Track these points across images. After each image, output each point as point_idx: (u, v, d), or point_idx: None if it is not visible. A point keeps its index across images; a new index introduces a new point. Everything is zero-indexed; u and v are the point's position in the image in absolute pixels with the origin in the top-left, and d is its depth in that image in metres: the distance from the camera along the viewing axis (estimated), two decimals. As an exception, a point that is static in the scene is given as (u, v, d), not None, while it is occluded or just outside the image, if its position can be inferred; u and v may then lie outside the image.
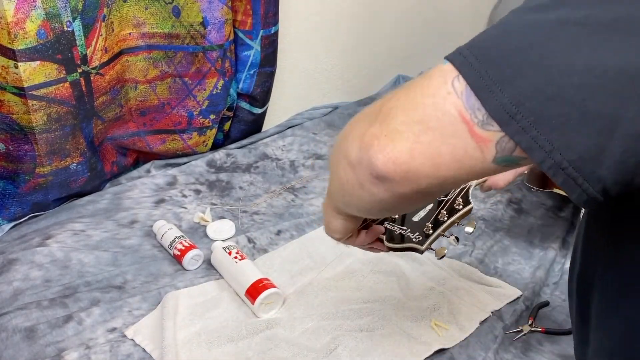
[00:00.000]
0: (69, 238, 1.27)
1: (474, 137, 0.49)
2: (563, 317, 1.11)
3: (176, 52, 1.44)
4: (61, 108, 1.26)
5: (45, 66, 1.20)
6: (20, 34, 1.14)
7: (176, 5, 1.38)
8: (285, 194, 1.46)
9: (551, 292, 1.17)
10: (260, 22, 1.50)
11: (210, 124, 1.55)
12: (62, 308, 1.10)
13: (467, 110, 0.49)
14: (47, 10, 1.17)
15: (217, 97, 1.52)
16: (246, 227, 1.34)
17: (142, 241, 1.29)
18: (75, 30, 1.23)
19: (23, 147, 1.26)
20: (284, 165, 1.56)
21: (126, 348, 1.03)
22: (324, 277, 1.19)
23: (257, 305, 1.09)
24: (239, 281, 1.14)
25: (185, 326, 1.08)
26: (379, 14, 1.90)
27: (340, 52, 1.87)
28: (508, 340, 1.06)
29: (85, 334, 1.06)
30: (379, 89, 2.01)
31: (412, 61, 2.08)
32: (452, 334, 1.07)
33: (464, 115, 0.49)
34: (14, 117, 1.23)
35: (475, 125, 0.49)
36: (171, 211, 1.37)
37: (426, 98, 0.50)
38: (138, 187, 1.44)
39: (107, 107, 1.39)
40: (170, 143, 1.54)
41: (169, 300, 1.11)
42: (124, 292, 1.15)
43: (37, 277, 1.17)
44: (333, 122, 1.75)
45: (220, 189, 1.46)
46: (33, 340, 1.04)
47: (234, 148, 1.61)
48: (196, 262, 1.22)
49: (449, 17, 2.13)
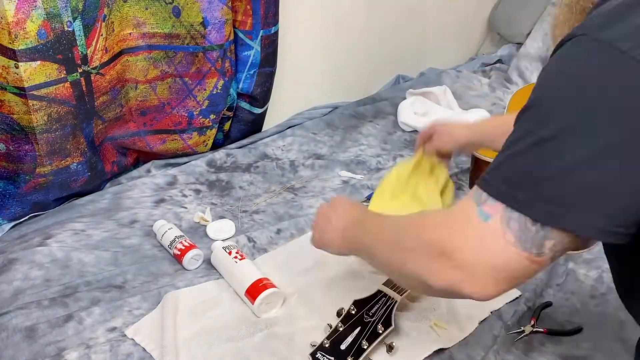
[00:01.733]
0: (69, 238, 1.27)
1: (535, 263, 0.66)
2: (566, 318, 1.11)
3: (176, 52, 1.44)
4: (62, 108, 1.26)
5: (46, 66, 1.20)
6: (20, 34, 1.15)
7: (176, 5, 1.39)
8: (285, 193, 1.46)
9: (554, 293, 1.17)
10: (260, 22, 1.51)
11: (210, 124, 1.56)
12: (62, 307, 1.10)
13: (526, 251, 0.65)
14: (47, 10, 1.17)
15: (217, 97, 1.52)
16: (246, 227, 1.34)
17: (142, 241, 1.29)
18: (76, 30, 1.23)
19: (23, 147, 1.26)
20: (284, 165, 1.57)
21: (126, 347, 1.04)
22: (324, 277, 1.20)
23: (257, 305, 1.09)
24: (239, 281, 1.14)
25: (185, 326, 1.08)
26: (379, 14, 1.91)
27: (340, 52, 1.87)
28: (510, 341, 1.06)
29: (85, 334, 1.06)
30: (379, 88, 2.01)
31: (412, 61, 2.08)
32: (452, 334, 1.07)
33: (526, 256, 0.66)
34: (15, 117, 1.23)
35: (534, 255, 0.66)
36: (171, 211, 1.38)
37: (489, 242, 0.66)
38: (138, 187, 1.44)
39: (107, 107, 1.39)
40: (171, 143, 1.55)
41: (169, 299, 1.12)
42: (124, 291, 1.15)
43: (37, 276, 1.17)
44: (333, 122, 1.75)
45: (220, 189, 1.47)
46: (33, 340, 1.04)
47: (234, 148, 1.62)
48: (196, 261, 1.22)
49: (449, 17, 2.13)
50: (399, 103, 1.79)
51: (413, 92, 1.83)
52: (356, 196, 1.45)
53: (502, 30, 2.22)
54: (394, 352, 1.00)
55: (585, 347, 1.05)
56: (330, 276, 1.20)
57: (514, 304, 1.13)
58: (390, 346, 1.00)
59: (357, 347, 0.96)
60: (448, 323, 1.09)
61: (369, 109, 1.81)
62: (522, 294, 1.15)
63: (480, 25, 2.28)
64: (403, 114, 1.74)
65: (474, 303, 1.13)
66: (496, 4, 2.26)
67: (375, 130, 1.73)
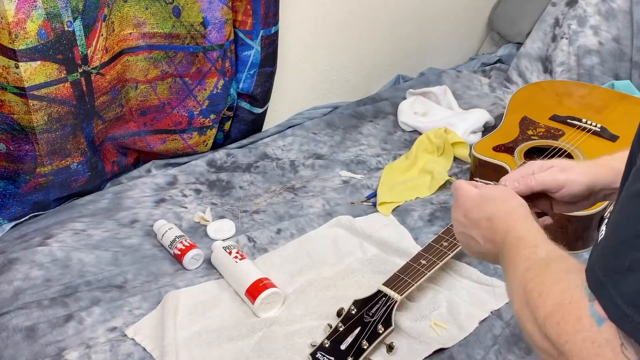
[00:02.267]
0: (70, 237, 1.27)
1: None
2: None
3: (176, 52, 1.44)
4: (62, 108, 1.26)
5: (46, 66, 1.20)
6: (21, 34, 1.15)
7: (176, 5, 1.39)
8: (285, 193, 1.47)
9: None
10: (260, 22, 1.51)
11: (210, 124, 1.56)
12: (62, 307, 1.10)
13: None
14: (47, 10, 1.17)
15: (217, 97, 1.52)
16: (246, 227, 1.34)
17: (142, 241, 1.29)
18: (76, 30, 1.23)
19: (24, 147, 1.26)
20: (284, 165, 1.57)
21: (126, 347, 1.04)
22: (323, 277, 1.20)
23: (257, 304, 1.09)
24: (239, 281, 1.14)
25: (186, 325, 1.08)
26: (379, 13, 1.91)
27: (340, 52, 1.87)
28: (512, 341, 1.06)
29: (85, 334, 1.06)
30: (379, 88, 2.01)
31: (411, 61, 2.08)
32: (452, 334, 1.07)
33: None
34: (15, 117, 1.23)
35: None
36: (171, 211, 1.38)
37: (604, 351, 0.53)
38: (138, 187, 1.44)
39: (107, 107, 1.39)
40: (171, 143, 1.55)
41: (169, 299, 1.12)
42: (124, 291, 1.16)
43: (37, 276, 1.17)
44: (333, 122, 1.75)
45: (220, 189, 1.47)
46: (33, 340, 1.04)
47: (234, 148, 1.62)
48: (196, 261, 1.23)
49: (449, 17, 2.13)
50: (399, 103, 1.79)
51: (413, 92, 1.83)
52: (356, 196, 1.45)
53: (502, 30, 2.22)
54: (394, 352, 1.00)
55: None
56: (330, 276, 1.20)
57: (514, 304, 1.14)
58: (390, 346, 1.00)
59: (357, 347, 0.96)
60: (448, 323, 1.09)
61: (369, 109, 1.81)
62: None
63: (480, 25, 2.28)
64: (403, 114, 1.74)
65: (474, 303, 1.14)
66: (496, 4, 2.26)
67: (375, 130, 1.73)
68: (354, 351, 0.95)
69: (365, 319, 1.01)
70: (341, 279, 1.19)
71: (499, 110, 1.78)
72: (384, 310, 1.02)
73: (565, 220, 1.24)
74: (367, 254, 1.26)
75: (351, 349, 0.96)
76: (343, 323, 1.00)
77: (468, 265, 1.23)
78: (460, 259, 1.25)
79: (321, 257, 1.25)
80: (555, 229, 1.25)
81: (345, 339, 0.97)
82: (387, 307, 1.02)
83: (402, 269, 1.11)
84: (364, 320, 1.00)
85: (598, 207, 1.23)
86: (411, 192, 1.44)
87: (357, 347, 0.96)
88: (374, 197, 1.43)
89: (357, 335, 0.98)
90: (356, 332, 0.98)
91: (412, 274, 1.09)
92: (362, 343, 0.96)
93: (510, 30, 2.18)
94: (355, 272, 1.21)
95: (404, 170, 1.51)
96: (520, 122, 1.54)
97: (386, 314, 1.01)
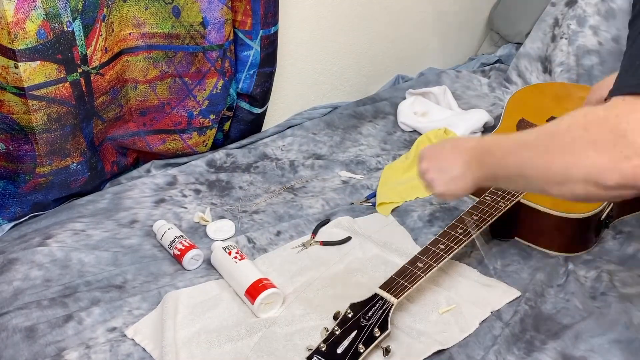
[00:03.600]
0: (69, 238, 1.27)
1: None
2: (568, 320, 1.10)
3: (176, 52, 1.44)
4: (61, 108, 1.26)
5: (45, 66, 1.20)
6: (20, 34, 1.15)
7: (176, 5, 1.39)
8: (285, 193, 1.47)
9: (555, 294, 1.17)
10: (260, 22, 1.51)
11: (210, 124, 1.56)
12: (62, 308, 1.10)
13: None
14: (47, 10, 1.17)
15: (217, 97, 1.52)
16: (246, 227, 1.34)
17: (142, 241, 1.29)
18: (75, 30, 1.23)
19: (23, 147, 1.26)
20: (284, 165, 1.57)
21: (126, 348, 1.04)
22: (323, 277, 1.20)
23: (257, 305, 1.09)
24: (239, 281, 1.14)
25: (185, 326, 1.08)
26: (378, 14, 1.91)
27: (340, 52, 1.88)
28: (511, 341, 1.06)
29: (85, 334, 1.06)
30: (379, 89, 2.01)
31: (411, 61, 2.08)
32: (452, 334, 1.07)
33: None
34: (14, 117, 1.23)
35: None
36: (171, 211, 1.38)
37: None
38: (138, 187, 1.44)
39: (107, 107, 1.39)
40: (170, 143, 1.55)
41: (169, 300, 1.12)
42: (124, 291, 1.16)
43: (37, 276, 1.17)
44: (333, 122, 1.75)
45: (220, 189, 1.47)
46: (33, 340, 1.04)
47: (233, 148, 1.62)
48: (196, 261, 1.22)
49: (449, 17, 2.13)
50: (399, 103, 1.79)
51: (413, 92, 1.83)
52: (356, 196, 1.45)
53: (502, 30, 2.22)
54: (390, 356, 1.00)
55: (584, 348, 1.05)
56: (330, 276, 1.20)
57: (514, 304, 1.14)
58: (386, 350, 1.00)
59: (353, 350, 0.96)
60: (448, 324, 1.09)
61: (368, 109, 1.81)
62: (522, 294, 1.15)
63: (480, 25, 2.28)
64: (403, 114, 1.74)
65: (474, 303, 1.14)
66: (495, 4, 2.26)
67: (375, 130, 1.73)
68: (350, 355, 0.95)
69: (361, 322, 1.01)
70: (341, 279, 1.19)
71: (499, 111, 1.78)
72: (380, 314, 1.02)
73: (564, 222, 1.24)
74: (367, 254, 1.26)
75: (347, 352, 0.96)
76: (339, 326, 1.00)
77: (467, 266, 1.23)
78: (460, 260, 1.25)
79: (321, 257, 1.25)
80: (554, 231, 1.25)
81: (341, 343, 0.97)
82: (384, 310, 1.02)
83: (399, 272, 1.11)
84: (361, 324, 1.00)
85: (598, 207, 1.23)
86: (411, 192, 1.44)
87: (354, 351, 0.96)
88: (374, 197, 1.43)
89: (353, 339, 0.98)
90: (352, 335, 0.98)
91: (408, 277, 1.09)
92: (358, 347, 0.96)
93: (509, 30, 2.19)
94: (355, 272, 1.21)
95: (403, 171, 1.51)
96: (517, 124, 1.54)
97: (382, 318, 1.01)
